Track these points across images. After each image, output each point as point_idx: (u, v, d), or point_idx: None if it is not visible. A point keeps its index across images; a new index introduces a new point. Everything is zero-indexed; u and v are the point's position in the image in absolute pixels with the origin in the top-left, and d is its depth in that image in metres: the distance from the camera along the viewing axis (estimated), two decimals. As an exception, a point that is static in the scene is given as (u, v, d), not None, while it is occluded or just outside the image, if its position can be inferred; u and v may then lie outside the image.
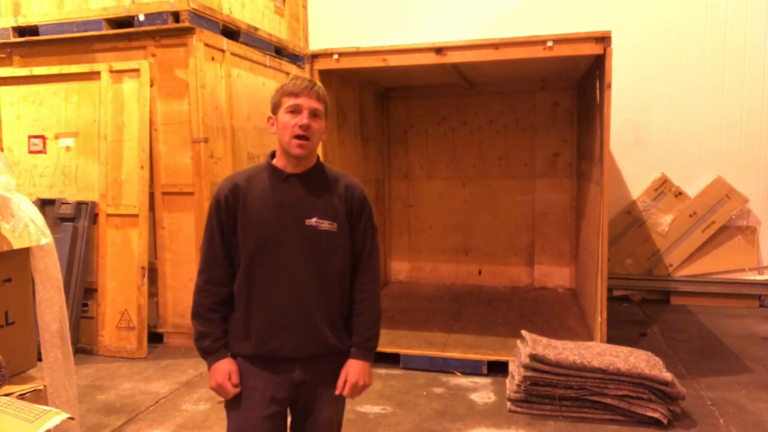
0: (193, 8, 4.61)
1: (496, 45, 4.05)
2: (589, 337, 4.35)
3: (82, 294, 4.75)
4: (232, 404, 2.03)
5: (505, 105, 6.25)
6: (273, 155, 2.09)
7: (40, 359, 2.54)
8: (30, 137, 5.03)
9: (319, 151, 4.46)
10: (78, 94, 4.95)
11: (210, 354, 2.01)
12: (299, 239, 1.99)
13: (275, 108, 2.02)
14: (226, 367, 2.00)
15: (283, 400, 2.04)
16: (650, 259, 6.07)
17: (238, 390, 2.01)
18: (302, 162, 2.02)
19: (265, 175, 2.04)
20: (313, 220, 2.00)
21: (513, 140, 6.27)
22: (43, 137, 5.01)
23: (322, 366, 2.06)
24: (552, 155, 6.18)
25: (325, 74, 4.50)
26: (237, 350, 2.04)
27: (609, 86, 3.90)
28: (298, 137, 1.95)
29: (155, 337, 4.92)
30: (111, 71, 4.85)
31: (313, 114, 1.97)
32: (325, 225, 2.02)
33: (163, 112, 4.83)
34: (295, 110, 1.95)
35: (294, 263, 1.99)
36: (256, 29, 5.56)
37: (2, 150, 5.02)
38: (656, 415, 3.35)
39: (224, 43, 5.02)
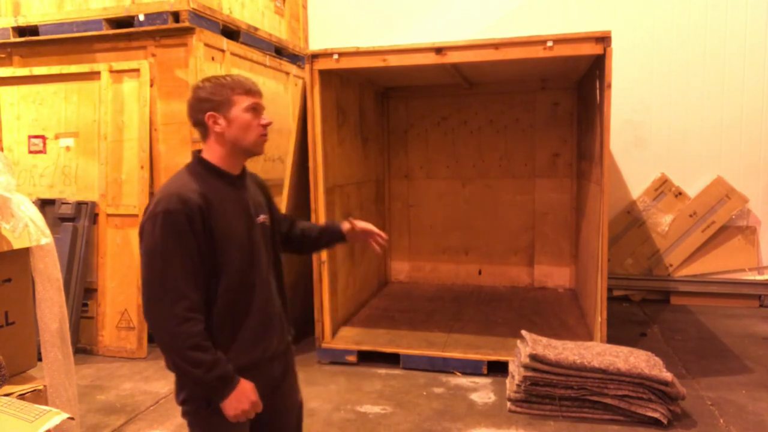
0: (193, 8, 4.61)
1: (496, 45, 4.05)
2: (589, 337, 4.35)
3: (82, 294, 4.75)
4: (224, 420, 1.86)
5: (505, 105, 6.25)
6: (200, 157, 1.97)
7: (40, 359, 2.54)
8: (30, 137, 5.03)
9: (319, 150, 4.49)
10: (78, 94, 4.95)
11: (231, 379, 1.82)
12: (260, 240, 2.00)
13: (222, 106, 1.91)
14: (249, 384, 1.86)
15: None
16: (650, 259, 6.07)
17: None
18: (240, 163, 2.01)
19: (212, 179, 1.93)
20: (261, 218, 2.03)
21: (513, 140, 6.27)
22: (43, 137, 5.01)
23: (287, 359, 2.14)
24: (552, 155, 6.18)
25: (325, 74, 4.50)
26: None
27: (609, 86, 3.90)
28: (263, 135, 1.96)
29: (155, 337, 4.92)
30: (111, 71, 4.85)
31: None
32: (267, 219, 2.07)
33: (163, 112, 4.83)
34: (256, 109, 1.94)
35: (262, 264, 1.99)
36: (256, 29, 5.57)
37: (2, 150, 5.02)
38: (656, 415, 3.35)
39: (224, 43, 5.02)
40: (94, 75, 4.89)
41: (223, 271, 1.87)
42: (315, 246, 2.40)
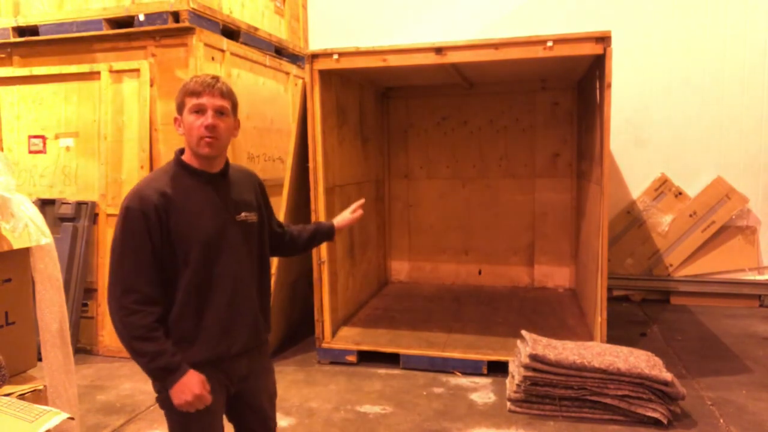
0: (193, 8, 4.61)
1: (496, 45, 4.05)
2: (589, 337, 4.35)
3: (82, 294, 4.75)
4: (194, 413, 1.91)
5: (505, 105, 6.25)
6: (181, 155, 2.01)
7: (40, 359, 2.54)
8: (30, 137, 5.03)
9: (319, 150, 4.49)
10: (78, 94, 4.95)
11: (174, 370, 1.85)
12: (237, 237, 2.01)
13: (180, 108, 1.96)
14: (196, 377, 1.88)
15: (231, 395, 2.09)
16: (650, 259, 6.07)
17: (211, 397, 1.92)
18: (216, 161, 2.01)
19: (185, 177, 1.96)
20: (243, 215, 2.04)
21: (513, 140, 6.27)
22: (43, 137, 5.01)
23: (259, 356, 2.15)
24: (552, 155, 6.18)
25: (325, 74, 4.50)
26: (187, 360, 1.91)
27: (609, 86, 3.90)
28: (205, 137, 1.91)
29: (155, 337, 4.92)
30: (111, 71, 4.85)
31: (219, 112, 1.93)
32: (252, 217, 2.08)
33: (163, 112, 4.83)
34: (199, 110, 1.91)
35: (236, 261, 2.00)
36: (256, 29, 5.56)
37: (2, 150, 5.02)
38: (656, 415, 3.35)
39: (224, 43, 5.02)
40: (94, 75, 4.89)
41: (183, 267, 1.90)
42: (304, 249, 2.47)
